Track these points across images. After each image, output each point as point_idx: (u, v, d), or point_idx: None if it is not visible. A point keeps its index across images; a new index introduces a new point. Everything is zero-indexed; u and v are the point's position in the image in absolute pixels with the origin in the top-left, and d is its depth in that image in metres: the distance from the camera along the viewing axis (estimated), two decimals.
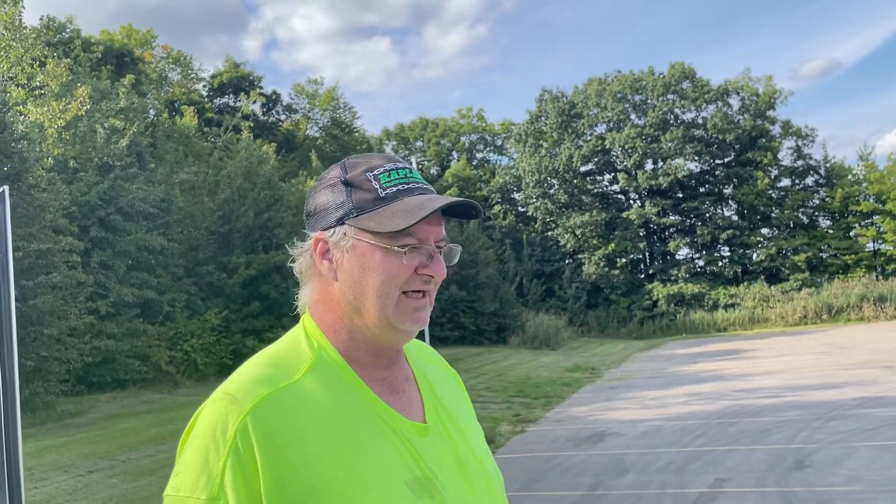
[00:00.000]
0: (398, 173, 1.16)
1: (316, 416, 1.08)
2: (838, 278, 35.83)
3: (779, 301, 35.19)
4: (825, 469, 7.77)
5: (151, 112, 27.01)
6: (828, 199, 38.61)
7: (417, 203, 1.12)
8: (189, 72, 38.53)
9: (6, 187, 1.85)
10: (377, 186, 1.14)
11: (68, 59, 21.00)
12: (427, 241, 1.14)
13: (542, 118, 42.21)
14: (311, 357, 1.14)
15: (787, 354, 21.16)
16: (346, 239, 1.14)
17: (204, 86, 38.64)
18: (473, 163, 47.92)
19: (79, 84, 20.31)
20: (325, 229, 1.16)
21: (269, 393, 1.07)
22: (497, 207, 41.89)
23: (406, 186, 1.15)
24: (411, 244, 1.12)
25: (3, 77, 17.89)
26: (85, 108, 18.85)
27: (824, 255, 38.03)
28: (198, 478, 1.04)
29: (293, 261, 1.21)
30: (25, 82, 18.75)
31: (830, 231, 38.59)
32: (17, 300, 1.85)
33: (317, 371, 1.13)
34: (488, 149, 50.37)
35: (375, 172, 1.15)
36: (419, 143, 49.30)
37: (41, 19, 27.51)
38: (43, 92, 19.00)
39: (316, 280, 1.19)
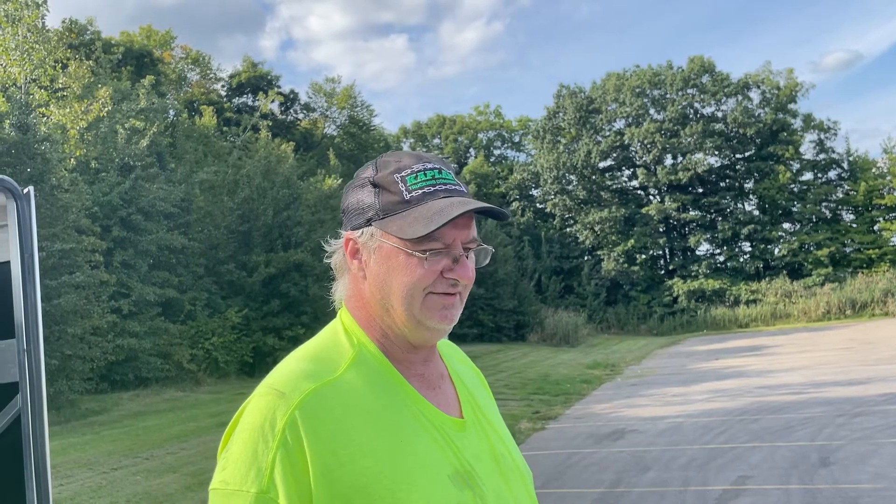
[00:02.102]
0: (426, 174, 1.16)
1: (359, 411, 1.09)
2: (862, 273, 35.34)
3: (801, 296, 34.79)
4: (850, 466, 7.67)
5: (171, 112, 27.21)
6: (851, 192, 38.10)
7: (439, 208, 1.12)
8: (208, 72, 38.82)
9: (31, 188, 1.88)
10: (403, 189, 1.15)
11: (89, 61, 21.22)
12: (454, 244, 1.14)
13: (560, 114, 42.01)
14: (351, 352, 1.16)
15: (810, 350, 20.92)
16: (373, 240, 1.16)
17: (222, 86, 38.91)
18: (491, 160, 47.82)
19: (100, 85, 20.53)
20: (354, 229, 1.18)
21: (315, 388, 1.08)
22: (515, 204, 41.79)
23: (432, 189, 1.15)
24: (435, 248, 1.12)
25: (26, 79, 18.11)
26: (106, 109, 19.05)
27: (848, 250, 37.54)
28: (247, 471, 1.05)
29: (329, 256, 1.23)
30: (48, 84, 18.97)
31: (854, 225, 38.08)
32: (41, 299, 1.87)
33: (358, 366, 1.15)
34: (506, 145, 50.25)
35: (403, 174, 1.16)
36: (436, 141, 49.27)
37: (63, 22, 27.83)
38: (65, 94, 19.23)
39: (348, 277, 1.22)
